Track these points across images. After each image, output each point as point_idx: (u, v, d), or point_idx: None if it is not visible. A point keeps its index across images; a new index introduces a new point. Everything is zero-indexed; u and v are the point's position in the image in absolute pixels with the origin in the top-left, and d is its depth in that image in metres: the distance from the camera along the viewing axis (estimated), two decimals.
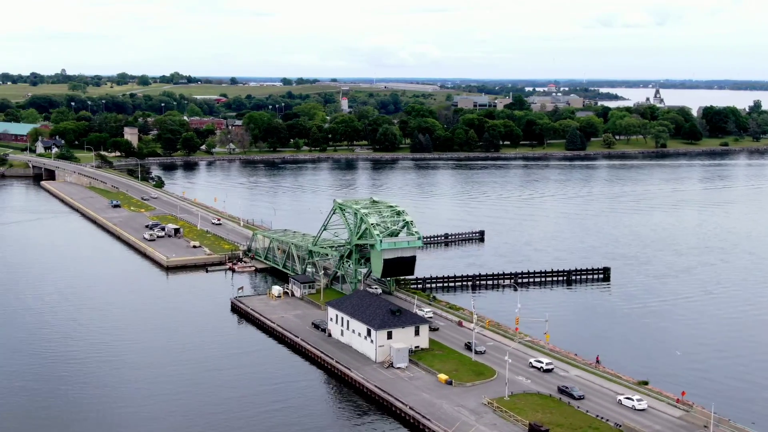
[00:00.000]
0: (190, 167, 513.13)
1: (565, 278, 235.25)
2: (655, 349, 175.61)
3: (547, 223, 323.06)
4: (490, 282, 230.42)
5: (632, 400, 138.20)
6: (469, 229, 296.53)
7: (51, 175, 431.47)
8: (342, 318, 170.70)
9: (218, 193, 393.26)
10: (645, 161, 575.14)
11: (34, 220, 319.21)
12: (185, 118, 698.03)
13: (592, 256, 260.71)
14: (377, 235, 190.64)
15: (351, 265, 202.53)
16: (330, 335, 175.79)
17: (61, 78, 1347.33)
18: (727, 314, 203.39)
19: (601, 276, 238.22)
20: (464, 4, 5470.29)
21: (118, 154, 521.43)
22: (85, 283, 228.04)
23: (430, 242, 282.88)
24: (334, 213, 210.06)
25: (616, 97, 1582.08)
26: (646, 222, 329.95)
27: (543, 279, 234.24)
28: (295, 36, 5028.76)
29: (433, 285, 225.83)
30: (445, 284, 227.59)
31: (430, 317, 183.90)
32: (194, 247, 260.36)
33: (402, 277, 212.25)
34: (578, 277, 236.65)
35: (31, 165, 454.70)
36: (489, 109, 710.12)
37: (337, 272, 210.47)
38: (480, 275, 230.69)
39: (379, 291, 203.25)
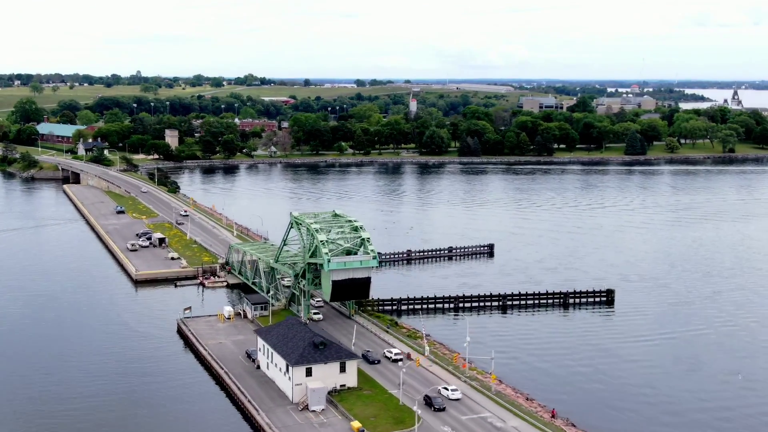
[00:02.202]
0: (230, 171, 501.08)
1: (561, 301, 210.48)
2: (640, 406, 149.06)
3: (571, 237, 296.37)
4: (475, 304, 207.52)
5: None
6: (477, 242, 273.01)
7: (77, 178, 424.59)
8: (267, 349, 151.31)
9: (246, 197, 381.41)
10: (709, 167, 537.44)
11: (35, 227, 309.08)
12: (236, 120, 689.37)
13: (608, 277, 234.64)
14: (325, 253, 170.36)
15: (305, 286, 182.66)
16: (259, 367, 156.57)
17: (137, 79, 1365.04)
18: (736, 361, 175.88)
19: (603, 299, 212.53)
20: (553, 3, 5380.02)
21: (156, 156, 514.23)
22: (47, 293, 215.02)
23: (433, 256, 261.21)
24: (291, 227, 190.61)
25: (702, 99, 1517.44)
26: (684, 236, 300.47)
27: (536, 302, 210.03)
28: (383, 38, 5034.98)
29: (410, 306, 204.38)
30: (424, 305, 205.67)
31: (398, 354, 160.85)
32: (172, 258, 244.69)
33: (364, 300, 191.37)
34: (577, 300, 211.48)
35: (60, 167, 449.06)
36: (547, 111, 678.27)
37: (294, 292, 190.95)
38: (464, 296, 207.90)
39: (320, 317, 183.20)
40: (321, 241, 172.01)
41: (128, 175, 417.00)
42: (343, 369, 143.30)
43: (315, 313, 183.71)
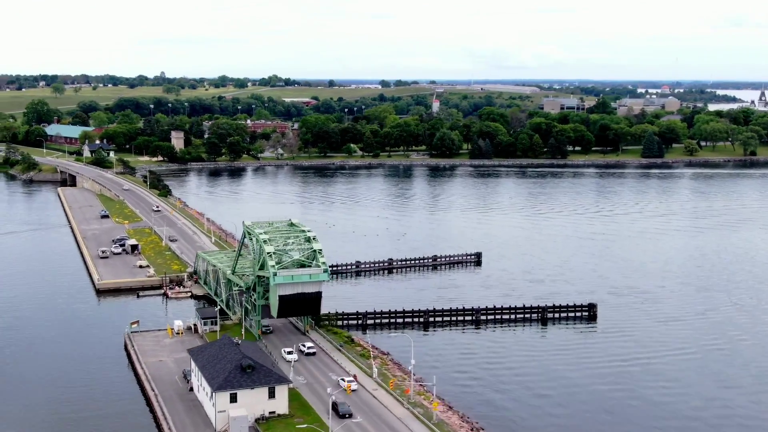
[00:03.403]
0: (235, 173, 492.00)
1: (539, 316, 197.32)
2: None
3: (566, 246, 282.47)
4: (447, 318, 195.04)
5: None
6: (464, 250, 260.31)
7: (74, 180, 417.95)
8: (197, 371, 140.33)
9: (244, 201, 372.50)
10: (729, 170, 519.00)
11: (15, 232, 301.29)
12: (248, 121, 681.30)
13: (597, 289, 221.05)
14: (272, 266, 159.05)
15: (256, 299, 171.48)
16: (192, 390, 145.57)
17: (161, 80, 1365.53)
18: (713, 389, 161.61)
19: (585, 315, 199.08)
20: (587, 3, 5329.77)
21: (160, 158, 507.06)
22: (3, 303, 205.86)
23: (416, 265, 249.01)
24: (245, 237, 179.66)
25: (733, 99, 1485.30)
26: (686, 245, 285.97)
27: (512, 316, 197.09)
28: (415, 39, 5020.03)
29: (376, 321, 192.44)
30: (392, 320, 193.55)
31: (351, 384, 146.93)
32: (140, 266, 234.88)
33: (324, 314, 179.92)
34: (556, 315, 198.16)
35: (59, 170, 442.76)
36: (564, 112, 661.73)
37: (246, 306, 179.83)
38: (434, 310, 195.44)
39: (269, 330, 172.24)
40: (268, 253, 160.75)
41: (124, 177, 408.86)
42: (272, 395, 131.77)
43: (266, 328, 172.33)
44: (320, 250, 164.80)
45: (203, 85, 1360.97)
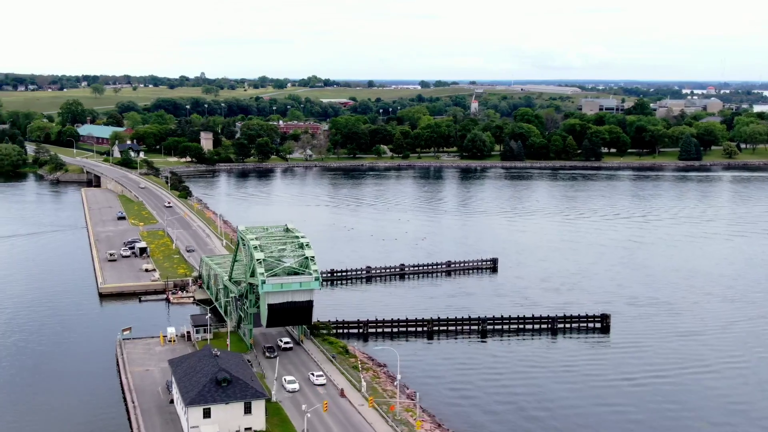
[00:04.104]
0: (264, 174, 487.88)
1: (549, 327, 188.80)
2: None
3: (589, 252, 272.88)
4: (452, 328, 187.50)
5: None
6: (480, 256, 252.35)
7: (99, 181, 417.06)
8: (174, 383, 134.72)
9: (270, 203, 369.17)
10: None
11: (33, 234, 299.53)
12: (280, 122, 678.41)
13: (614, 299, 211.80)
14: (261, 273, 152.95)
15: (248, 308, 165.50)
16: (172, 402, 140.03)
17: (201, 81, 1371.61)
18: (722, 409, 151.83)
19: (597, 326, 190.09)
20: (636, 3, 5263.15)
21: (189, 159, 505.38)
22: (6, 306, 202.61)
23: (429, 271, 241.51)
24: (240, 243, 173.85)
25: None
26: (715, 252, 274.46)
27: (520, 327, 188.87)
28: (461, 39, 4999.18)
29: (378, 330, 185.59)
30: (394, 329, 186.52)
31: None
32: (146, 270, 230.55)
33: (321, 323, 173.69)
34: (567, 326, 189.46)
35: (85, 170, 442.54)
36: (601, 113, 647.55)
37: (240, 314, 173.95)
38: (438, 320, 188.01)
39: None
40: (257, 260, 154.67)
41: (146, 178, 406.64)
42: (248, 410, 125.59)
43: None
44: (312, 257, 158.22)
45: (243, 86, 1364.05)
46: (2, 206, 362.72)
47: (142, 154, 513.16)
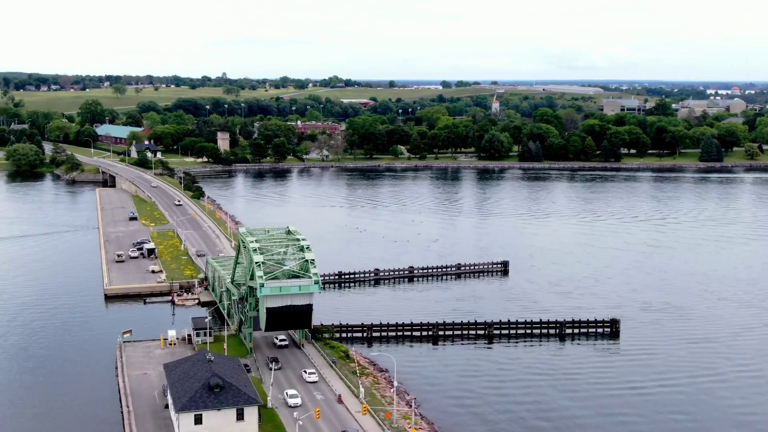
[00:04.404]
0: (280, 175, 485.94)
1: (557, 332, 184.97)
2: None
3: (603, 255, 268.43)
4: (457, 332, 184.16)
5: None
6: (491, 259, 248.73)
7: (114, 181, 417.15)
8: (167, 388, 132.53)
9: (285, 204, 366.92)
10: None
11: (44, 234, 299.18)
12: (298, 122, 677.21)
13: (627, 304, 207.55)
14: (259, 276, 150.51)
15: (248, 311, 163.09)
16: (167, 407, 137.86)
17: (222, 81, 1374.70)
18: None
19: (607, 331, 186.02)
20: (661, 3, 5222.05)
21: (206, 159, 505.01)
22: (9, 307, 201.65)
23: (438, 274, 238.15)
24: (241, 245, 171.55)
25: None
26: (733, 255, 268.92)
27: (528, 331, 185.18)
28: (484, 39, 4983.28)
29: (382, 334, 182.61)
30: (398, 333, 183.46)
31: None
32: (152, 271, 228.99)
33: (323, 326, 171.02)
34: (575, 331, 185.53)
35: (101, 170, 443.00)
36: (621, 114, 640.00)
37: (240, 317, 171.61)
38: (444, 324, 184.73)
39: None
40: (256, 263, 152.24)
41: (161, 179, 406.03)
42: (240, 416, 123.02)
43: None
44: (313, 260, 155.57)
45: (264, 86, 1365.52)
46: (16, 206, 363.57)
47: (159, 155, 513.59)
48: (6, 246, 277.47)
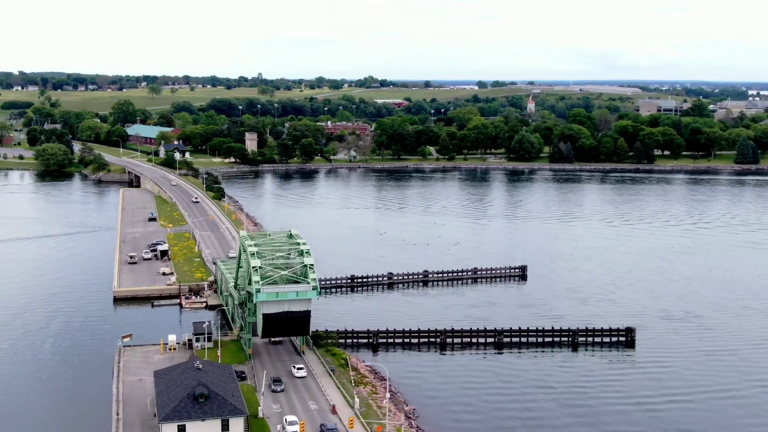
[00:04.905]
0: (307, 176, 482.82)
1: (569, 340, 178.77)
2: None
3: (628, 260, 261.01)
4: (466, 339, 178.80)
5: None
6: (508, 263, 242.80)
7: (139, 181, 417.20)
8: (155, 397, 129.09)
9: (311, 205, 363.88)
10: None
11: (63, 235, 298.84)
12: (328, 123, 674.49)
13: (645, 312, 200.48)
14: (256, 282, 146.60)
15: (247, 316, 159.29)
16: (156, 415, 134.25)
17: (258, 81, 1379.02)
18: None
19: (622, 340, 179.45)
20: (703, 2, 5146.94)
21: (232, 160, 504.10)
22: (18, 308, 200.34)
23: (453, 278, 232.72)
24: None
25: None
26: (762, 262, 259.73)
27: (539, 340, 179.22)
28: (524, 39, 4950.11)
29: (388, 340, 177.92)
30: (405, 339, 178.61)
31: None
32: (163, 273, 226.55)
33: (327, 332, 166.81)
34: (588, 339, 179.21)
35: (127, 170, 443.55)
36: (655, 115, 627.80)
37: (241, 322, 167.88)
38: (453, 331, 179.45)
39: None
40: (253, 267, 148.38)
41: (185, 179, 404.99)
42: (225, 427, 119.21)
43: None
44: (312, 265, 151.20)
45: (299, 87, 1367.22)
46: (40, 206, 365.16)
47: (187, 155, 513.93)
48: (24, 246, 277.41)
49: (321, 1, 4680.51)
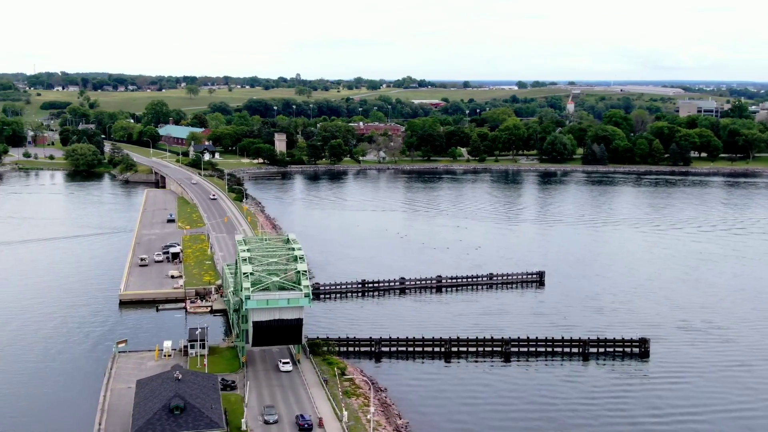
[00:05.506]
0: (336, 177, 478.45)
1: (580, 351, 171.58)
2: None
3: (652, 266, 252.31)
4: (472, 349, 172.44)
5: None
6: (525, 269, 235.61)
7: (164, 182, 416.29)
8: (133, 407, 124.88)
9: (338, 208, 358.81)
10: None
11: (81, 236, 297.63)
12: (360, 123, 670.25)
13: (664, 322, 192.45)
14: (246, 288, 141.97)
15: (241, 323, 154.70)
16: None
17: (296, 82, 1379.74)
18: None
19: (635, 351, 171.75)
20: (748, 2, 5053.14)
21: (260, 161, 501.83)
22: (21, 310, 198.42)
23: (468, 284, 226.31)
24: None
25: None
26: None
27: (548, 350, 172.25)
28: (569, 39, 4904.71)
29: (391, 349, 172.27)
30: (409, 348, 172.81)
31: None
32: (172, 276, 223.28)
33: (324, 340, 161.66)
34: (600, 350, 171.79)
35: (153, 171, 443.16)
36: (693, 116, 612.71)
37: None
38: (458, 340, 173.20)
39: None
40: (244, 273, 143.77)
41: (209, 180, 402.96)
42: None
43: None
44: (305, 271, 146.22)
45: (337, 87, 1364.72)
46: (63, 207, 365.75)
47: (217, 155, 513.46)
48: (39, 247, 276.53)
49: (365, 1, 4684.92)
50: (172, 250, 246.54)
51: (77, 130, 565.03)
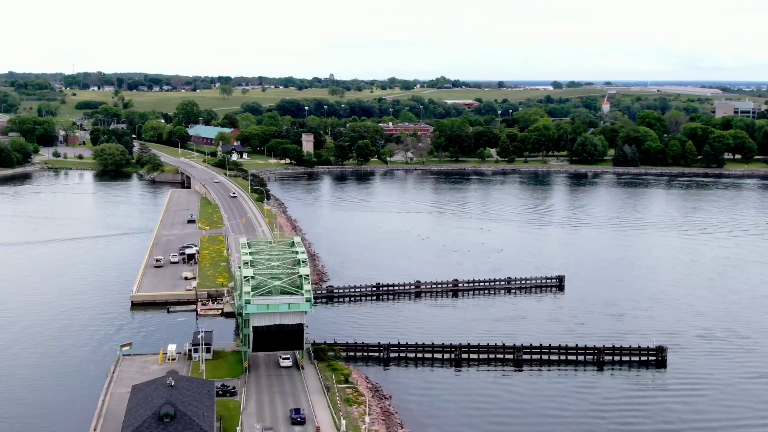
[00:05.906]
0: (363, 178, 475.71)
1: (594, 359, 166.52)
2: None
3: (676, 271, 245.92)
4: (483, 355, 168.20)
5: None
6: (545, 273, 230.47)
7: (190, 182, 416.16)
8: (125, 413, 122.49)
9: (363, 209, 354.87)
10: None
11: (100, 237, 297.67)
12: (389, 124, 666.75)
13: (685, 330, 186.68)
14: (246, 293, 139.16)
15: (243, 328, 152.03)
16: None
17: (330, 82, 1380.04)
18: None
19: (652, 360, 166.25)
20: None
21: (288, 161, 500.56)
22: (33, 311, 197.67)
23: (485, 288, 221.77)
24: None
25: None
26: None
27: (561, 358, 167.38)
28: (608, 39, 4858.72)
29: (400, 354, 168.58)
30: (418, 354, 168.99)
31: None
32: (186, 278, 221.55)
33: (330, 345, 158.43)
34: (615, 358, 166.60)
35: (179, 171, 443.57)
36: (728, 117, 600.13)
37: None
38: (468, 346, 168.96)
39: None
40: (245, 277, 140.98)
41: (233, 180, 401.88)
42: None
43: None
44: (307, 275, 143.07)
45: (371, 88, 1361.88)
46: (87, 206, 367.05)
47: (245, 155, 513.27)
48: (60, 248, 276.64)
49: (403, 1, 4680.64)
50: (188, 251, 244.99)
51: (107, 129, 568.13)
